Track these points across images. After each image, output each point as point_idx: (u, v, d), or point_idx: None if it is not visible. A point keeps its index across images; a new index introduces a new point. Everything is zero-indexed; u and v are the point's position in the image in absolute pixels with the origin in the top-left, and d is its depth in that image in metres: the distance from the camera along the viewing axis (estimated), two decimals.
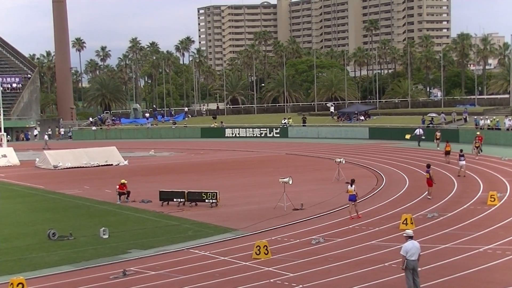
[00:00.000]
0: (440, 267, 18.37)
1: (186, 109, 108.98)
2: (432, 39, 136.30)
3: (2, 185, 42.79)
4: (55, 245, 23.18)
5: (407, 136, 61.99)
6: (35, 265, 20.35)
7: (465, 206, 28.13)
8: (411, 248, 15.56)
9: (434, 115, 74.18)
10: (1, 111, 68.80)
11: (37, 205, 33.37)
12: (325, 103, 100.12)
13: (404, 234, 16.22)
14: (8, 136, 75.79)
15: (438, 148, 52.02)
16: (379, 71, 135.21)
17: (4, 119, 69.74)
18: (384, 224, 24.89)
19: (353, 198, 26.39)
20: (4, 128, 67.79)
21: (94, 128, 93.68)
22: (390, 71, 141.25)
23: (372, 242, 21.90)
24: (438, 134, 54.82)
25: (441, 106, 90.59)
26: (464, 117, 72.11)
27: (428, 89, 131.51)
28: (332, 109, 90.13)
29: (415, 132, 60.67)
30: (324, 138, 73.06)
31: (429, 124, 68.14)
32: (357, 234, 23.41)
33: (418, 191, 31.87)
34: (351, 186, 26.65)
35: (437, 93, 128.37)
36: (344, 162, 38.74)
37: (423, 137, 59.35)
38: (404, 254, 15.63)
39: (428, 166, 31.30)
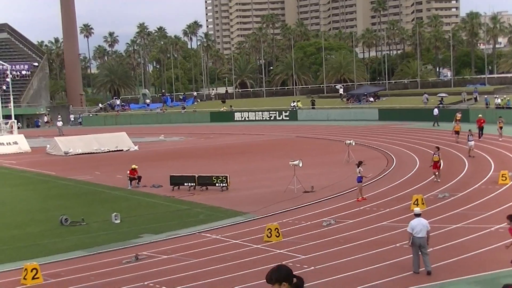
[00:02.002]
0: (451, 247, 18.38)
1: (195, 93, 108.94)
2: (441, 18, 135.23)
3: (14, 172, 43.08)
4: (67, 231, 23.34)
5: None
6: (48, 251, 20.52)
7: (476, 186, 28.06)
8: (417, 225, 15.95)
9: (443, 95, 73.85)
10: (11, 98, 69.15)
11: (49, 192, 33.58)
12: (334, 85, 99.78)
13: (413, 213, 16.73)
14: (19, 123, 76.18)
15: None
16: (388, 52, 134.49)
17: (14, 106, 70.06)
18: (395, 205, 24.88)
19: (359, 180, 26.40)
20: (15, 115, 68.13)
21: (90, 115, 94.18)
22: (399, 52, 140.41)
23: (383, 223, 21.91)
24: (459, 115, 51.03)
25: (451, 86, 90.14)
26: (475, 96, 71.74)
27: (437, 69, 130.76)
28: (341, 91, 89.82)
29: (433, 112, 60.26)
30: (333, 120, 72.89)
31: (439, 104, 67.87)
32: (368, 215, 23.42)
33: (429, 172, 31.73)
34: (357, 167, 26.68)
35: (447, 73, 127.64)
36: (354, 144, 38.67)
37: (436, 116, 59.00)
38: (410, 231, 16.14)
39: (438, 148, 31.19)
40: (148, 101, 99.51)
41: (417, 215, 16.39)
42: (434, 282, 15.24)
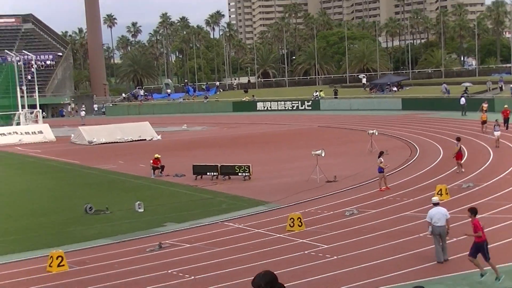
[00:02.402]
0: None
1: (217, 83, 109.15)
2: (465, 7, 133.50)
3: (39, 160, 43.60)
4: (92, 219, 23.59)
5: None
6: (73, 239, 20.75)
7: (501, 176, 27.76)
8: (436, 214, 15.95)
9: (468, 84, 73.06)
10: (36, 88, 69.86)
11: (73, 180, 33.94)
12: (357, 75, 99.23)
13: (431, 202, 16.73)
14: (44, 113, 77.00)
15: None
16: (412, 41, 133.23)
17: (39, 96, 70.80)
18: (418, 195, 24.73)
19: (380, 170, 26.28)
20: (40, 105, 68.89)
21: (111, 104, 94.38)
22: (422, 41, 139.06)
23: (406, 213, 21.81)
24: (485, 105, 49.45)
25: (475, 75, 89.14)
26: (500, 86, 70.85)
27: (462, 58, 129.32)
28: (364, 80, 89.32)
29: (460, 101, 59.55)
30: (356, 110, 72.57)
31: (463, 93, 67.17)
32: (391, 205, 23.32)
33: (453, 162, 31.48)
34: (378, 158, 26.58)
35: (472, 62, 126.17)
36: (377, 133, 38.44)
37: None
38: (429, 221, 16.16)
39: (458, 139, 30.79)
40: (169, 91, 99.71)
41: (435, 204, 16.39)
42: (457, 272, 15.15)
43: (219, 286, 15.24)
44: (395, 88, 79.87)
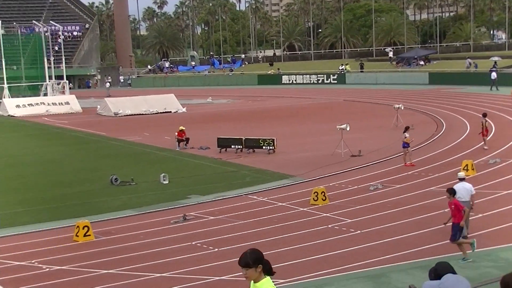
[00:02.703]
0: (500, 214, 18.10)
1: (243, 56, 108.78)
2: None
3: (66, 131, 44.08)
4: (117, 190, 23.83)
5: None
6: (99, 209, 21.01)
7: None
8: (460, 189, 15.74)
9: (496, 58, 71.88)
10: (63, 59, 70.32)
11: (99, 152, 34.27)
12: (384, 48, 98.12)
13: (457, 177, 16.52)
14: (70, 84, 77.62)
15: None
16: (440, 14, 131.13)
17: (66, 67, 71.31)
18: (444, 170, 24.54)
19: (405, 146, 26.08)
20: (66, 76, 69.40)
21: (134, 76, 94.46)
22: (451, 14, 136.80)
23: (431, 188, 21.68)
24: None
25: (505, 49, 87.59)
26: None
27: (492, 32, 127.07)
28: (390, 54, 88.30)
29: (491, 76, 58.60)
30: (382, 84, 71.93)
31: (492, 68, 66.16)
32: (416, 180, 23.20)
33: (480, 137, 31.15)
34: (403, 133, 26.38)
35: (502, 36, 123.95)
36: (402, 108, 38.09)
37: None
38: None
39: (484, 115, 30.33)
40: (193, 63, 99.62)
41: (461, 180, 16.22)
42: (482, 248, 15.06)
43: None
44: (422, 62, 78.91)
